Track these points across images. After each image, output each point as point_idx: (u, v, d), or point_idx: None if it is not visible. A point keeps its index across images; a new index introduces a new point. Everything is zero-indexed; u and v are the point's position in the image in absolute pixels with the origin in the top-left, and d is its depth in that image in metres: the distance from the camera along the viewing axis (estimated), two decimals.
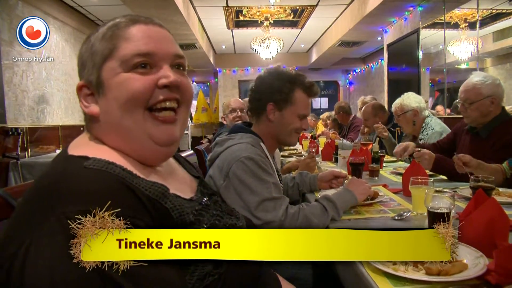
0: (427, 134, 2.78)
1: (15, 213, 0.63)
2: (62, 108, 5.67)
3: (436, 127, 2.78)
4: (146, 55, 0.72)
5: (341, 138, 4.23)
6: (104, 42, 0.73)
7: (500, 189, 1.62)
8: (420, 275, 0.84)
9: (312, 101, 1.66)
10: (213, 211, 0.79)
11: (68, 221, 0.54)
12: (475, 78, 2.12)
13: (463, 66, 6.16)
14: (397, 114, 2.97)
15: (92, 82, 0.73)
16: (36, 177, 0.67)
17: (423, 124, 2.86)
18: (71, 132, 5.78)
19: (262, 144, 1.54)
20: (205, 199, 0.81)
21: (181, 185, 0.79)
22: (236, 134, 1.55)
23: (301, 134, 1.70)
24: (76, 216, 0.55)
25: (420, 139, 2.82)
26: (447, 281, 0.81)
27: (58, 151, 5.09)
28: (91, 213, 0.55)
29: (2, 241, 0.59)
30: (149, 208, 0.64)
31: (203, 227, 0.71)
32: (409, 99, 2.93)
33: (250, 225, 0.90)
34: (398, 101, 2.99)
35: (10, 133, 4.30)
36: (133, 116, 0.71)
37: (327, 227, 1.33)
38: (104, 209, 0.56)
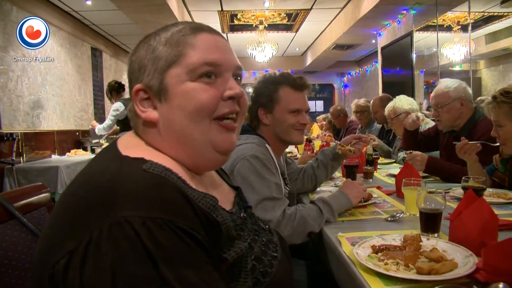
0: None
1: (68, 206, 0.61)
2: (58, 113, 5.66)
3: None
4: (213, 64, 0.71)
5: (336, 141, 4.25)
6: (169, 47, 0.71)
7: (491, 190, 1.64)
8: (411, 275, 0.85)
9: (306, 96, 1.66)
10: (250, 225, 0.78)
11: (130, 226, 0.54)
12: (443, 84, 2.24)
13: (457, 68, 6.22)
14: (391, 118, 3.00)
15: (153, 87, 0.70)
16: (85, 174, 0.66)
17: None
18: (66, 137, 5.76)
19: (267, 145, 1.57)
20: (242, 212, 0.80)
21: (222, 197, 0.77)
22: (241, 135, 1.58)
23: (304, 130, 1.69)
24: (136, 222, 0.54)
25: None
26: (437, 280, 0.83)
27: (54, 156, 5.10)
28: (152, 220, 0.55)
29: (58, 235, 0.58)
30: (202, 221, 0.62)
31: (244, 242, 0.71)
32: (401, 101, 2.96)
33: (281, 239, 0.89)
34: (390, 105, 3.02)
35: (5, 138, 4.28)
36: (199, 125, 0.71)
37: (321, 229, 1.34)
38: (163, 218, 0.56)
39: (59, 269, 0.54)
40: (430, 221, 1.15)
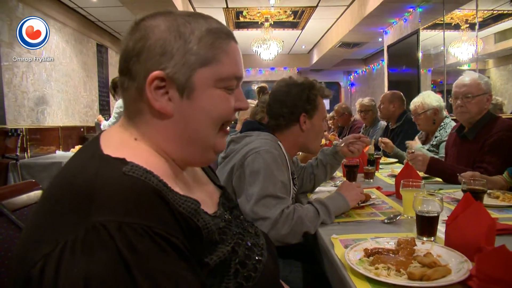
0: (443, 134, 2.75)
1: (45, 208, 0.60)
2: (62, 109, 5.68)
3: None
4: (239, 79, 0.75)
5: (340, 140, 4.21)
6: (204, 46, 0.68)
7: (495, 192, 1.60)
8: (402, 280, 0.83)
9: None
10: (235, 228, 0.77)
11: (105, 231, 0.53)
12: (472, 75, 2.15)
13: (465, 67, 6.12)
14: (418, 113, 2.85)
15: (177, 81, 0.67)
16: (63, 173, 0.64)
17: (441, 124, 2.80)
18: (71, 133, 5.79)
19: (279, 143, 1.56)
20: (226, 214, 0.79)
21: (205, 197, 0.77)
22: (252, 131, 1.59)
23: None
24: (112, 227, 0.53)
25: (435, 137, 2.79)
26: (429, 286, 0.80)
27: (58, 152, 5.12)
28: (128, 225, 0.54)
29: (35, 238, 0.57)
30: (182, 225, 0.61)
31: (227, 246, 0.70)
32: (430, 97, 2.84)
33: (269, 241, 0.87)
34: (418, 100, 2.87)
35: (10, 134, 4.31)
36: (214, 129, 0.73)
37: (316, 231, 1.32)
38: (140, 223, 0.55)
39: (35, 273, 0.53)
40: (426, 224, 1.12)
